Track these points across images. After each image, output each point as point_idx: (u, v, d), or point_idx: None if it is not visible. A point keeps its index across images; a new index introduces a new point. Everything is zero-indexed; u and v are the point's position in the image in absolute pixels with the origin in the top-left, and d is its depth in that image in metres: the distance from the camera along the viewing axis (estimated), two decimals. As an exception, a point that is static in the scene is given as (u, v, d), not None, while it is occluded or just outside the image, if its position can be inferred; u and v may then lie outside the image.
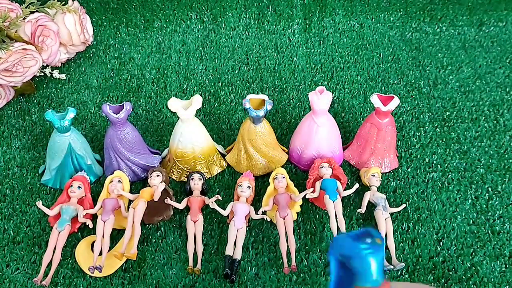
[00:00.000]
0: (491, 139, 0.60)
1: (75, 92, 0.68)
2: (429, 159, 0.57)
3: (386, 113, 0.52)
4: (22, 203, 0.53)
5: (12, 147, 0.60)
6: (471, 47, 0.75)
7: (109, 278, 0.46)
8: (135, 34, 0.78)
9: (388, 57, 0.73)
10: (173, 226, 0.50)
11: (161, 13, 0.79)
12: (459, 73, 0.70)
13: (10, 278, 0.46)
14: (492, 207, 0.52)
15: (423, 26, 0.78)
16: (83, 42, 0.72)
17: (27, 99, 0.67)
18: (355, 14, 0.79)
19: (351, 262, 0.18)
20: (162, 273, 0.46)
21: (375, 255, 0.18)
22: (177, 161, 0.54)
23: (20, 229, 0.50)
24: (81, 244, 0.47)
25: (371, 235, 0.19)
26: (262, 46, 0.75)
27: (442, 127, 0.61)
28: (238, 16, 0.79)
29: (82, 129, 0.62)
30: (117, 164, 0.53)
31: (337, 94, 0.67)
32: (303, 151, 0.54)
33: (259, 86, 0.69)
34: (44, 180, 0.54)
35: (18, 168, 0.57)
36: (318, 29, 0.78)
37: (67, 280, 0.46)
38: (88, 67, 0.72)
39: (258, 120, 0.51)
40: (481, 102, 0.65)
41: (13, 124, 0.63)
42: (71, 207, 0.48)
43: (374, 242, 0.18)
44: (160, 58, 0.74)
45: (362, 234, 0.19)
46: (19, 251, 0.48)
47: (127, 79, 0.70)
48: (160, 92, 0.68)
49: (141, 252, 0.48)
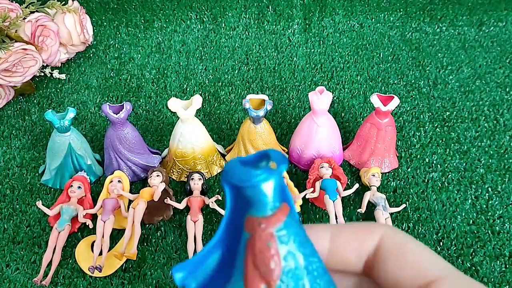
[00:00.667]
0: (491, 139, 0.60)
1: (75, 92, 0.68)
2: (429, 159, 0.57)
3: (386, 113, 0.52)
4: (22, 203, 0.53)
5: (12, 147, 0.60)
6: (471, 47, 0.75)
7: (109, 278, 0.45)
8: (135, 34, 0.78)
9: (388, 57, 0.73)
10: (173, 226, 0.50)
11: (161, 13, 0.79)
12: (459, 73, 0.70)
13: (10, 278, 0.46)
14: (492, 207, 0.52)
15: (423, 26, 0.78)
16: (83, 42, 0.72)
17: (27, 99, 0.67)
18: (355, 14, 0.79)
19: (243, 191, 0.16)
20: (162, 273, 0.46)
21: (269, 182, 0.15)
22: (177, 161, 0.54)
23: (20, 229, 0.50)
24: (81, 244, 0.47)
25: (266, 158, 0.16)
26: (262, 46, 0.75)
27: (442, 127, 0.61)
28: (238, 16, 0.79)
29: (82, 129, 0.62)
30: (117, 164, 0.53)
31: (337, 94, 0.67)
32: (303, 151, 0.54)
33: (259, 86, 0.69)
34: (44, 180, 0.54)
35: (18, 168, 0.57)
36: (318, 29, 0.78)
37: (67, 280, 0.46)
38: (88, 67, 0.72)
39: (258, 120, 0.51)
40: (481, 102, 0.65)
41: (13, 124, 0.63)
42: (71, 207, 0.48)
43: (267, 167, 0.16)
44: (160, 58, 0.74)
45: (256, 158, 0.16)
46: (19, 251, 0.48)
47: (127, 79, 0.70)
48: (160, 92, 0.68)
49: (141, 252, 0.48)
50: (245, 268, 0.16)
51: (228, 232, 0.17)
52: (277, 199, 0.16)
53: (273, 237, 0.15)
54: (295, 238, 0.16)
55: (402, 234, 0.17)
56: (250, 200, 0.16)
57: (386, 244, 0.17)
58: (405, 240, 0.17)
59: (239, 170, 0.16)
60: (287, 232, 0.16)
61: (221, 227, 0.17)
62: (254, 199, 0.16)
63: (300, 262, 0.16)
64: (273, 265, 0.15)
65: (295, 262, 0.16)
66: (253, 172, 0.15)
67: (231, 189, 0.16)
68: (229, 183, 0.16)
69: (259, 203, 0.16)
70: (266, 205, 0.16)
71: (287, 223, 0.16)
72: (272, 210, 0.16)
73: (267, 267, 0.15)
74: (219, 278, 0.17)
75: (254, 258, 0.16)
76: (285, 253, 0.16)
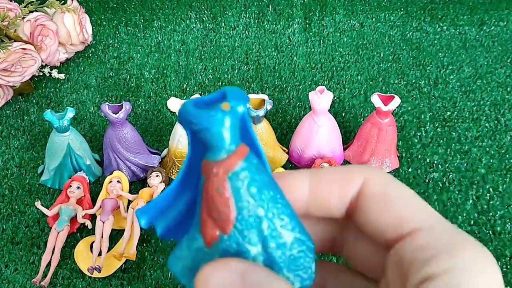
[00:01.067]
0: (492, 139, 0.59)
1: (74, 92, 0.68)
2: (430, 159, 0.57)
3: (386, 113, 0.51)
4: (21, 203, 0.53)
5: (11, 147, 0.60)
6: (472, 47, 0.74)
7: (108, 279, 0.45)
8: (135, 33, 0.77)
9: (389, 57, 0.73)
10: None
11: (160, 12, 0.78)
12: (460, 73, 0.70)
13: (9, 279, 0.46)
14: (493, 208, 0.51)
15: (424, 25, 0.78)
16: (82, 41, 0.71)
17: (26, 99, 0.67)
18: (356, 13, 0.79)
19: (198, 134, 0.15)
20: (161, 273, 0.46)
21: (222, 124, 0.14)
22: (176, 161, 0.54)
23: (19, 230, 0.50)
24: (80, 245, 0.47)
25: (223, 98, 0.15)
26: (262, 46, 0.75)
27: (443, 127, 0.61)
28: (238, 15, 0.78)
29: (81, 129, 0.62)
30: (116, 164, 0.53)
31: (338, 93, 0.67)
32: (303, 151, 0.54)
33: (259, 86, 0.68)
34: (43, 180, 0.54)
35: (17, 168, 0.57)
36: (318, 28, 0.77)
37: (66, 280, 0.45)
38: (87, 66, 0.72)
39: (258, 120, 0.51)
40: (482, 102, 0.65)
41: (12, 124, 0.63)
42: (70, 208, 0.48)
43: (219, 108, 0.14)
44: (160, 58, 0.73)
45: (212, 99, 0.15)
46: (18, 251, 0.48)
47: (126, 79, 0.70)
48: (159, 92, 0.68)
49: (141, 253, 0.47)
50: (201, 213, 0.15)
51: (191, 176, 0.16)
52: (233, 142, 0.15)
53: (225, 183, 0.14)
54: (252, 183, 0.15)
55: (386, 177, 0.16)
56: (205, 143, 0.15)
57: (369, 188, 0.16)
58: (389, 185, 0.16)
59: (192, 112, 0.15)
60: (243, 177, 0.15)
61: (181, 170, 0.16)
62: (208, 143, 0.15)
63: (257, 209, 0.15)
64: (225, 212, 0.14)
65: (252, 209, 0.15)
66: (205, 114, 0.14)
67: (190, 132, 0.15)
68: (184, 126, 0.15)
69: (213, 146, 0.15)
70: (220, 149, 0.15)
71: (244, 168, 0.15)
72: (227, 154, 0.15)
73: (219, 214, 0.15)
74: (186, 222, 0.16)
75: (207, 204, 0.15)
76: (239, 199, 0.15)
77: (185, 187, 0.17)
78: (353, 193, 0.16)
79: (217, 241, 0.15)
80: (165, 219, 0.17)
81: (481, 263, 0.14)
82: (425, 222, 0.15)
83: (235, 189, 0.15)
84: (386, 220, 0.15)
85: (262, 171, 0.15)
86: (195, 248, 0.15)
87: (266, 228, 0.15)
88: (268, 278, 0.14)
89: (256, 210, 0.15)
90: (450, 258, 0.13)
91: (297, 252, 0.15)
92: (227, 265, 0.14)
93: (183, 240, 0.16)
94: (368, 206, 0.16)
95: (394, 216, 0.15)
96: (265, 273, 0.14)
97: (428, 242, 0.14)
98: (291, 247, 0.15)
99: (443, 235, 0.14)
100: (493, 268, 0.14)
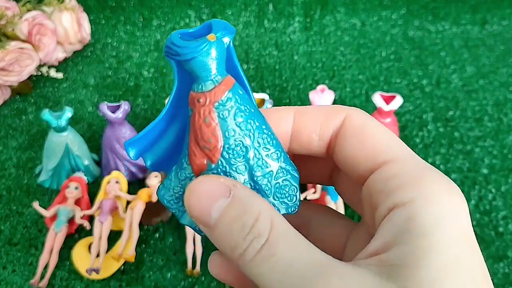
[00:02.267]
0: (494, 139, 0.59)
1: (72, 91, 0.67)
2: (432, 159, 0.56)
3: (388, 112, 0.51)
4: (18, 204, 0.52)
5: (9, 147, 0.59)
6: (474, 46, 0.74)
7: (107, 280, 0.45)
8: (133, 32, 0.77)
9: (390, 56, 0.72)
10: (172, 227, 0.50)
11: (159, 11, 0.78)
12: (462, 72, 0.69)
13: (7, 280, 0.45)
14: (495, 208, 0.51)
15: (426, 24, 0.77)
16: (81, 40, 0.71)
17: (23, 98, 0.66)
18: (357, 12, 0.78)
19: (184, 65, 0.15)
20: (160, 275, 0.46)
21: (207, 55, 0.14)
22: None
23: (16, 231, 0.50)
24: (78, 246, 0.46)
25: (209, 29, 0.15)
26: (262, 45, 0.75)
27: (445, 127, 0.61)
28: (238, 14, 0.78)
29: (80, 128, 0.62)
30: (115, 164, 0.52)
31: (339, 93, 0.66)
32: (304, 151, 0.53)
33: (259, 85, 0.68)
34: (41, 181, 0.54)
35: (14, 168, 0.57)
36: (319, 27, 0.77)
37: (64, 282, 0.45)
38: (86, 66, 0.72)
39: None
40: (484, 101, 0.64)
41: (10, 124, 0.63)
42: (68, 208, 0.48)
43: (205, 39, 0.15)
44: (159, 57, 0.73)
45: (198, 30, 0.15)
46: (16, 252, 0.48)
47: (125, 78, 0.69)
48: (158, 91, 0.67)
49: (139, 254, 0.47)
50: (189, 143, 0.16)
51: (178, 108, 0.16)
52: (219, 73, 0.15)
53: (212, 113, 0.15)
54: (238, 114, 0.15)
55: (365, 115, 0.17)
56: (192, 74, 0.15)
57: (347, 125, 0.16)
58: (366, 122, 0.16)
59: (178, 43, 0.15)
60: (229, 107, 0.15)
61: (168, 102, 0.17)
62: (195, 73, 0.15)
63: (243, 139, 0.15)
64: (212, 141, 0.15)
65: (238, 138, 0.15)
66: (191, 45, 0.15)
67: (176, 64, 0.16)
68: (169, 57, 0.15)
69: (199, 77, 0.15)
70: (206, 79, 0.15)
71: (230, 98, 0.15)
72: (214, 84, 0.15)
73: (206, 143, 0.15)
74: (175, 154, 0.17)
75: (194, 134, 0.15)
76: (226, 129, 0.15)
77: (174, 119, 0.17)
78: (332, 130, 0.17)
79: (205, 170, 0.15)
80: (154, 151, 0.17)
81: (447, 193, 0.14)
82: (397, 156, 0.15)
83: (221, 119, 0.15)
84: (360, 153, 0.16)
85: (248, 102, 0.16)
86: (183, 177, 0.16)
87: (252, 157, 0.15)
88: (253, 195, 0.15)
89: (243, 139, 0.15)
90: (416, 187, 0.14)
91: (282, 181, 0.16)
92: (216, 179, 0.15)
93: (172, 170, 0.17)
94: (345, 141, 0.16)
95: (368, 149, 0.16)
96: (251, 192, 0.15)
97: (397, 173, 0.15)
98: (277, 176, 0.16)
99: (412, 167, 0.15)
100: (458, 198, 0.14)
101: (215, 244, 0.15)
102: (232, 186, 0.14)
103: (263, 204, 0.14)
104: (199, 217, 0.14)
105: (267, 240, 0.14)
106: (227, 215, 0.14)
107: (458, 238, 0.13)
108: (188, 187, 0.15)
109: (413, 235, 0.13)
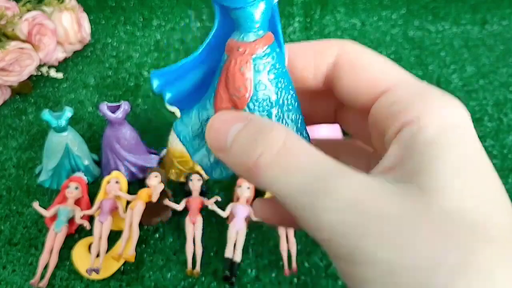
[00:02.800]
0: (494, 139, 0.59)
1: (72, 91, 0.67)
2: (431, 159, 0.56)
3: (388, 112, 0.51)
4: (18, 204, 0.52)
5: (9, 147, 0.59)
6: (474, 46, 0.74)
7: (107, 280, 0.45)
8: (133, 32, 0.77)
9: (390, 56, 0.72)
10: (172, 227, 0.50)
11: (159, 11, 0.78)
12: (462, 72, 0.69)
13: (7, 280, 0.45)
14: (495, 208, 0.51)
15: (426, 24, 0.77)
16: (81, 40, 0.71)
17: (23, 98, 0.66)
18: (357, 12, 0.78)
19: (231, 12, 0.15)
20: (160, 275, 0.46)
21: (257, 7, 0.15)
22: (175, 162, 0.53)
23: (16, 231, 0.50)
24: (78, 246, 0.46)
25: None
26: (262, 45, 0.75)
27: (445, 126, 0.61)
28: (238, 14, 0.78)
29: (80, 128, 0.62)
30: (115, 165, 0.52)
31: (338, 93, 0.66)
32: (304, 151, 0.53)
33: (259, 85, 0.68)
34: (41, 181, 0.54)
35: (14, 168, 0.57)
36: (319, 27, 0.77)
37: (64, 282, 0.45)
38: (86, 66, 0.72)
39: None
40: (484, 101, 0.64)
41: (10, 124, 0.63)
42: (68, 208, 0.48)
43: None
44: (159, 57, 0.73)
45: None
46: (16, 252, 0.48)
47: (125, 78, 0.69)
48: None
49: (139, 254, 0.47)
50: (217, 88, 0.16)
51: (211, 52, 0.17)
52: (262, 27, 0.16)
53: (248, 63, 0.15)
54: (272, 70, 0.16)
55: (359, 46, 0.17)
56: (235, 22, 0.16)
57: (343, 57, 0.16)
58: (361, 52, 0.16)
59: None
60: (265, 62, 0.15)
61: (204, 44, 0.17)
62: (239, 22, 0.15)
63: (271, 94, 0.16)
64: (242, 90, 0.15)
65: (267, 93, 0.16)
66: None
67: (220, 9, 0.16)
68: (218, 3, 0.16)
69: (242, 27, 0.15)
70: (249, 30, 0.15)
71: (268, 54, 0.16)
72: (255, 37, 0.15)
73: (236, 91, 0.15)
74: (196, 94, 0.17)
75: (226, 79, 0.16)
76: (258, 82, 0.15)
77: (203, 61, 0.17)
78: (327, 63, 0.17)
79: None
80: (175, 88, 0.18)
81: (450, 105, 0.15)
82: (396, 81, 0.15)
83: (256, 71, 0.15)
84: (360, 84, 0.16)
85: (281, 61, 0.16)
86: (205, 118, 0.17)
87: (274, 114, 0.16)
88: (269, 120, 0.15)
89: (270, 95, 0.16)
90: (420, 106, 0.14)
91: None
92: (238, 111, 0.15)
93: (193, 109, 0.17)
94: (343, 73, 0.16)
95: (367, 80, 0.16)
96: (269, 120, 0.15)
97: (399, 97, 0.15)
98: None
99: (413, 89, 0.15)
100: (461, 109, 0.15)
101: (231, 165, 0.15)
102: (252, 117, 0.15)
103: (278, 124, 0.15)
104: (216, 141, 0.15)
105: (283, 144, 0.14)
106: (243, 134, 0.14)
107: (468, 137, 0.14)
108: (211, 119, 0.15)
109: (421, 144, 0.13)
